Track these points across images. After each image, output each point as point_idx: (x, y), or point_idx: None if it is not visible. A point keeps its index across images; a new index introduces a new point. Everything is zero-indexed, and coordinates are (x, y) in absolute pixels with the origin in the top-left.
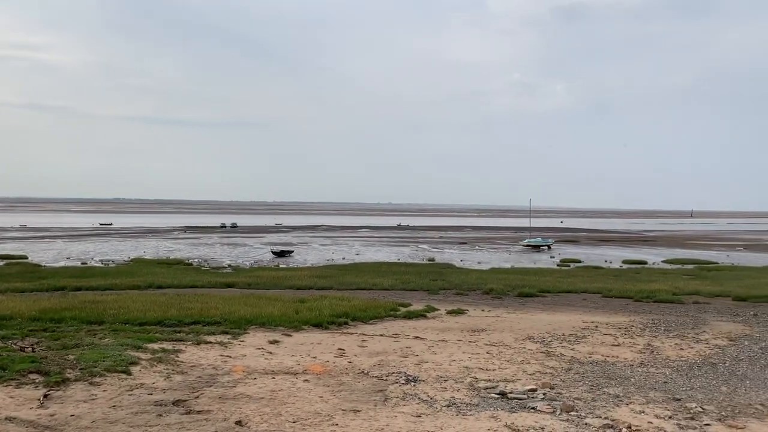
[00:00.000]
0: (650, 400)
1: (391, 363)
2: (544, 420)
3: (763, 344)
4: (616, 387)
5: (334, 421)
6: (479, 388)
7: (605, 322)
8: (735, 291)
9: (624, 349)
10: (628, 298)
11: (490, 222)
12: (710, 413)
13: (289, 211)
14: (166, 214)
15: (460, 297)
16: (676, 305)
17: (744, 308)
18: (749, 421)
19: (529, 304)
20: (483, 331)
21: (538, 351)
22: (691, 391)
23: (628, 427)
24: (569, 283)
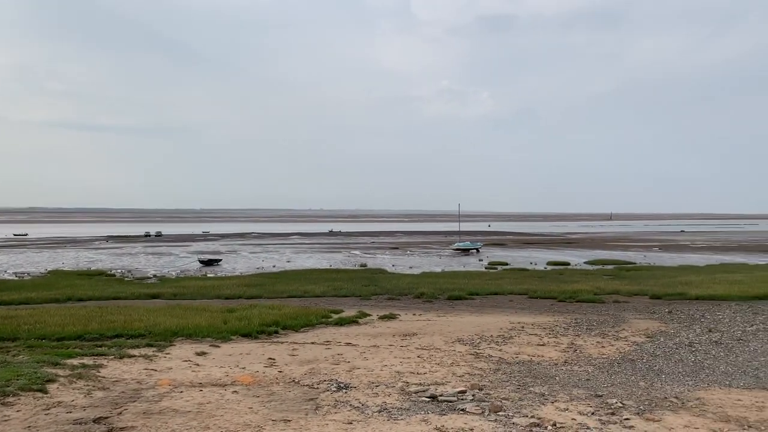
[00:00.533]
0: (574, 398)
1: (323, 371)
2: (473, 421)
3: (677, 340)
4: (541, 386)
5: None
6: (410, 392)
7: (531, 323)
8: (652, 290)
9: (549, 348)
10: (552, 299)
11: (422, 227)
12: (630, 408)
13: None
14: (87, 223)
15: (392, 302)
16: (598, 304)
17: (660, 306)
18: (665, 414)
19: (459, 307)
20: (414, 335)
21: (467, 353)
22: (612, 387)
23: (553, 425)
24: (497, 285)
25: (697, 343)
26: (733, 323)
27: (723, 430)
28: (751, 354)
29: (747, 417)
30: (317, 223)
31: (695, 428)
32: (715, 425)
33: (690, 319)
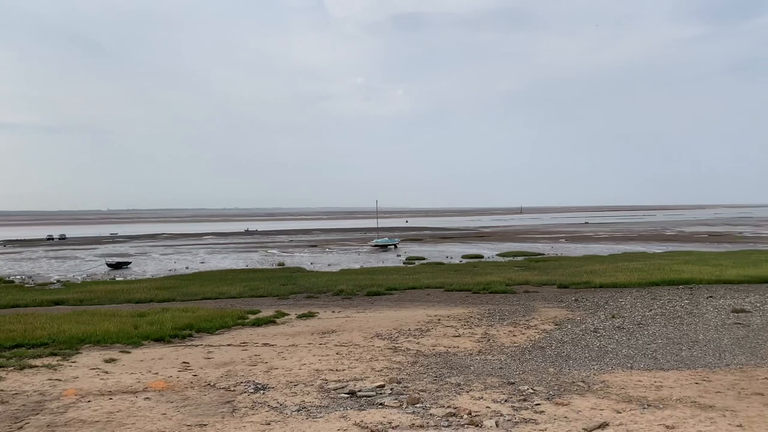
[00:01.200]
0: (488, 386)
1: (239, 373)
2: (391, 414)
3: (583, 326)
4: (457, 376)
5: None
6: (329, 390)
7: (447, 315)
8: (559, 279)
9: (464, 339)
10: (467, 291)
11: (340, 224)
12: (540, 393)
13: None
14: None
15: (311, 300)
16: (509, 295)
17: (567, 294)
18: (573, 398)
19: (378, 303)
20: (333, 333)
21: (386, 347)
22: (524, 374)
23: (468, 414)
24: (414, 279)
25: (602, 328)
26: (634, 309)
27: (625, 409)
28: (650, 337)
29: (647, 396)
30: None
31: (600, 410)
32: (618, 406)
33: (595, 306)
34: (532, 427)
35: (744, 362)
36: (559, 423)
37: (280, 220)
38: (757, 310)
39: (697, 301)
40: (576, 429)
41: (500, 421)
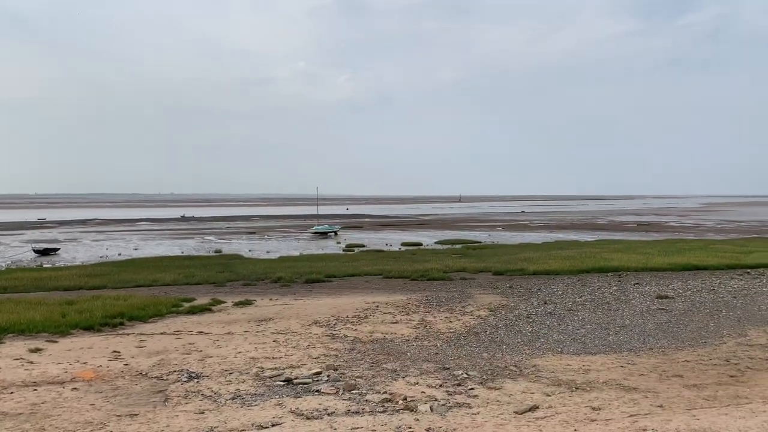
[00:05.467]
0: (424, 372)
1: (173, 361)
2: (327, 401)
3: (517, 312)
4: (394, 362)
5: (108, 428)
6: (265, 378)
7: (385, 302)
8: (495, 266)
9: (401, 325)
10: (405, 278)
11: (279, 211)
12: (474, 378)
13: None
14: None
15: (248, 288)
16: (447, 282)
17: (502, 281)
18: (505, 382)
19: (317, 290)
20: (270, 320)
21: (323, 335)
22: (459, 359)
23: (404, 399)
24: (354, 267)
25: (534, 314)
26: (565, 295)
27: (555, 392)
28: (579, 323)
29: (575, 380)
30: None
31: (531, 393)
32: (548, 389)
33: (528, 293)
34: (465, 411)
35: (666, 346)
36: (491, 407)
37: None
38: (680, 296)
39: (625, 287)
40: (507, 412)
41: (435, 405)
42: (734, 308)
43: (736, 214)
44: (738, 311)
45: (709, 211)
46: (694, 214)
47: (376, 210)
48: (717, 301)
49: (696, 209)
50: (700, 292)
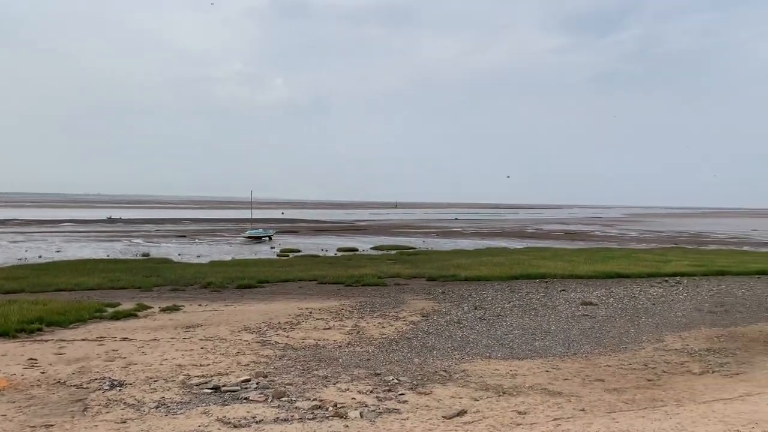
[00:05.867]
0: (355, 378)
1: (94, 369)
2: (256, 409)
3: (448, 317)
4: (325, 368)
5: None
6: (192, 385)
7: (319, 308)
8: (428, 272)
9: (334, 331)
10: (340, 284)
11: (212, 214)
12: (404, 384)
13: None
14: None
15: (177, 293)
16: (381, 287)
17: (435, 287)
18: (435, 387)
19: (248, 296)
20: (199, 326)
21: (254, 341)
22: (390, 365)
23: (334, 406)
24: (287, 272)
25: (465, 320)
26: (495, 301)
27: (482, 397)
28: (507, 328)
29: (502, 384)
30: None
31: (460, 398)
32: (476, 394)
33: (460, 299)
34: (395, 416)
35: (589, 351)
36: (420, 412)
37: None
38: (603, 303)
39: (552, 294)
40: (436, 417)
41: (365, 411)
42: (653, 315)
43: (656, 224)
44: (656, 317)
45: (631, 221)
46: (617, 223)
47: (312, 215)
48: (637, 307)
49: (619, 219)
50: (622, 299)
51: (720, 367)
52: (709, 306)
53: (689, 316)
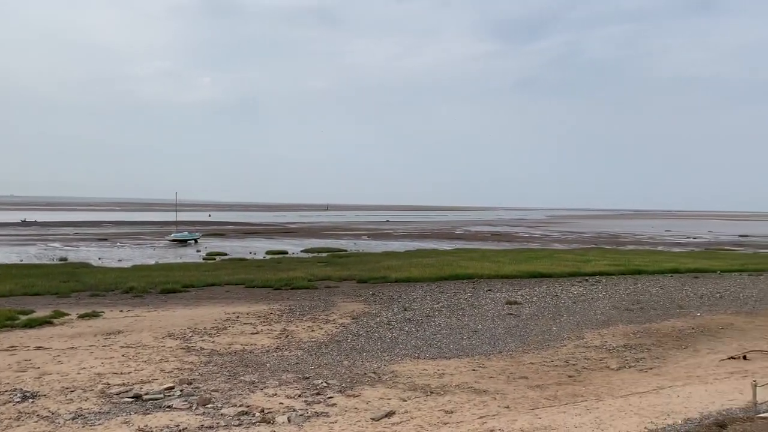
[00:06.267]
0: (283, 382)
1: (4, 380)
2: (179, 417)
3: (378, 319)
4: (252, 374)
5: None
6: (111, 395)
7: (246, 312)
8: (359, 274)
9: (262, 336)
10: (269, 287)
11: (135, 216)
12: (333, 387)
13: None
14: None
15: (96, 299)
16: (311, 291)
17: (365, 289)
18: (364, 389)
19: (172, 300)
20: (120, 333)
21: (178, 347)
22: (319, 368)
23: (261, 411)
24: (214, 276)
25: (394, 321)
26: (424, 302)
27: (411, 397)
28: (436, 328)
29: (430, 384)
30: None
31: (388, 399)
32: (404, 394)
33: (390, 300)
34: (323, 420)
35: (514, 349)
36: (349, 414)
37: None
38: (527, 302)
39: (479, 294)
40: (365, 419)
41: (292, 416)
42: (574, 313)
43: (578, 225)
44: (577, 315)
45: (554, 222)
46: (541, 225)
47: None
48: (559, 306)
49: (543, 221)
50: (544, 298)
51: (636, 362)
52: (626, 304)
53: (608, 313)
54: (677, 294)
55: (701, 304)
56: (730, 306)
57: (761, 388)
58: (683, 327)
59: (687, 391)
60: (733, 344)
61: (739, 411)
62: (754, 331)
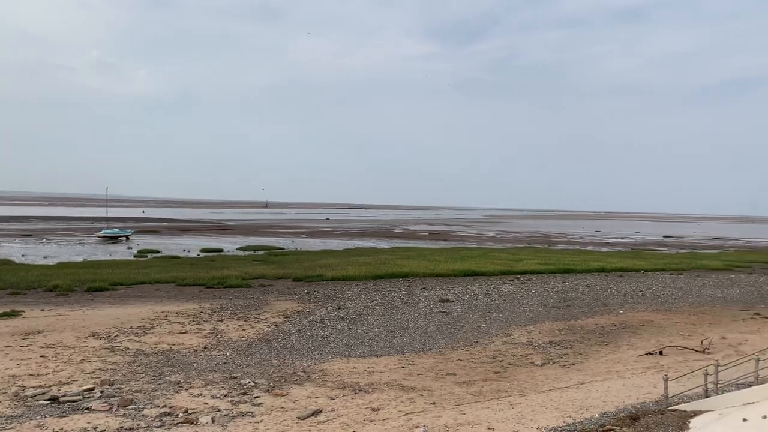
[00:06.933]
0: (209, 382)
1: None
2: (98, 419)
3: (311, 318)
4: (178, 374)
5: None
6: (26, 397)
7: (176, 311)
8: (295, 273)
9: (191, 335)
10: (201, 286)
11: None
12: (261, 386)
13: None
14: None
15: (17, 297)
16: (245, 289)
17: (301, 287)
18: (292, 388)
19: (99, 299)
20: (39, 333)
21: (101, 347)
22: (247, 368)
23: (184, 412)
24: (144, 274)
25: (327, 319)
26: (359, 300)
27: (339, 396)
28: (368, 326)
29: (359, 382)
30: None
31: (316, 398)
32: (333, 392)
33: (325, 298)
34: (248, 419)
35: (443, 346)
36: (275, 414)
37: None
38: (459, 300)
39: (413, 292)
40: (291, 418)
41: (217, 416)
42: (503, 310)
43: (513, 225)
44: (506, 313)
45: (490, 222)
46: (477, 224)
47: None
48: (490, 303)
49: (480, 220)
50: (476, 295)
51: (559, 358)
52: (553, 301)
53: (536, 311)
54: (602, 292)
55: (624, 301)
56: (651, 304)
57: (672, 382)
58: (606, 324)
59: (606, 386)
60: (651, 340)
61: (652, 404)
62: (671, 328)
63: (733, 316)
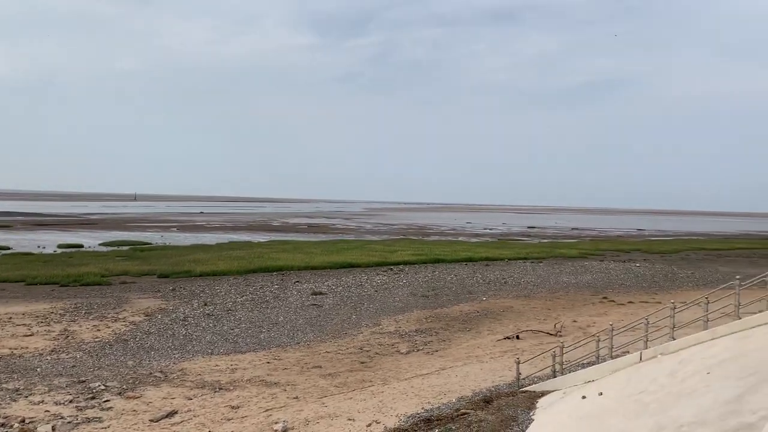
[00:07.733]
0: (54, 388)
1: None
2: None
3: (174, 316)
4: (18, 380)
5: None
6: None
7: (22, 312)
8: (161, 269)
9: (37, 338)
10: (54, 284)
11: None
12: (112, 389)
13: None
14: None
15: None
16: (104, 287)
17: (166, 284)
18: (146, 389)
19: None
20: None
21: None
22: (99, 370)
23: (21, 422)
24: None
25: (192, 317)
26: (228, 296)
27: (197, 395)
28: (235, 322)
29: (220, 380)
30: None
31: (172, 398)
32: (191, 392)
33: (191, 295)
34: (94, 425)
35: (311, 339)
36: (126, 417)
37: None
38: (332, 292)
39: (286, 285)
40: (143, 421)
41: (58, 424)
42: (375, 301)
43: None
44: (377, 303)
45: (369, 215)
46: (357, 217)
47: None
48: (362, 295)
49: (359, 213)
50: (350, 287)
51: (424, 345)
52: (423, 290)
53: (405, 300)
54: (469, 280)
55: (488, 289)
56: (512, 291)
57: (525, 364)
58: (470, 311)
59: (465, 371)
60: (510, 325)
61: (506, 386)
62: (529, 313)
63: (584, 300)
